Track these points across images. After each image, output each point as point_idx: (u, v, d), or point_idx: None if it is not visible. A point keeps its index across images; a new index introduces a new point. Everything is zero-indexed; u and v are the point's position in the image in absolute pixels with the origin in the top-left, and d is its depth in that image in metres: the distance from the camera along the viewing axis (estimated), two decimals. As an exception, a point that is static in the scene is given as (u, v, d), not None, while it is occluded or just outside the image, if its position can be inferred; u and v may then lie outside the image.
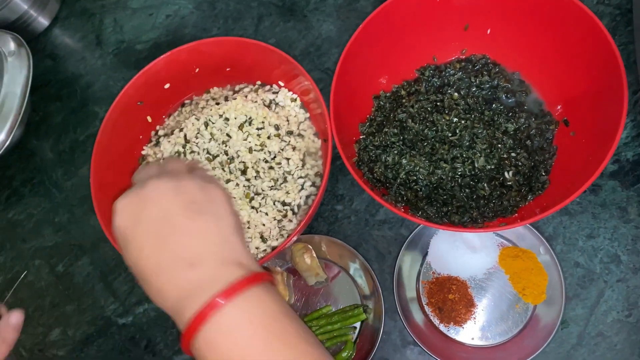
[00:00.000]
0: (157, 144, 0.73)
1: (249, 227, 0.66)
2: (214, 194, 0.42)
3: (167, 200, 0.40)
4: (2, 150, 0.76)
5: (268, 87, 0.74)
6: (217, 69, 0.73)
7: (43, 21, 0.95)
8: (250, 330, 0.36)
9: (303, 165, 0.68)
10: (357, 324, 0.67)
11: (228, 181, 0.67)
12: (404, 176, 0.63)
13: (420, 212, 0.62)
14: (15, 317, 0.65)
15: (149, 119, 0.74)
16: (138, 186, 0.42)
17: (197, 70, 0.73)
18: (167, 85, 0.73)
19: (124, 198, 0.41)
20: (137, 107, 0.72)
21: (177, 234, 0.39)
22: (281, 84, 0.73)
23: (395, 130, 0.66)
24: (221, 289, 0.36)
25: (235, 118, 0.70)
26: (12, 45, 0.82)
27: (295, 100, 0.71)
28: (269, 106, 0.71)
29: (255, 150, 0.68)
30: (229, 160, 0.68)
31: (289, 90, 0.72)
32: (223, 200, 0.42)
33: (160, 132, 0.74)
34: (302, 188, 0.67)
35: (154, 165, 0.47)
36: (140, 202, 0.40)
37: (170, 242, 0.39)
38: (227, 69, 0.74)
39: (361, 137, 0.69)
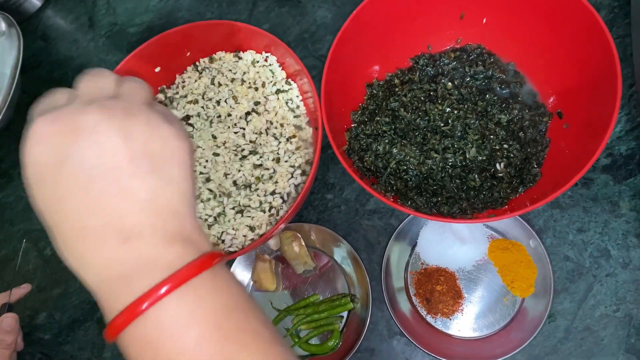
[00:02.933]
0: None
1: (241, 216, 0.65)
2: (174, 146, 0.33)
3: (111, 144, 0.30)
4: (-10, 131, 0.76)
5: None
6: (209, 53, 0.72)
7: (35, 2, 0.93)
8: (199, 329, 0.30)
9: (293, 153, 0.67)
10: (344, 314, 0.67)
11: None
12: (394, 166, 0.63)
13: (409, 202, 0.61)
14: (7, 322, 0.65)
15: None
16: (74, 105, 0.31)
17: (189, 54, 0.72)
18: (157, 69, 0.72)
19: (51, 121, 0.30)
20: (127, 90, 0.71)
21: (113, 193, 0.30)
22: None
23: (387, 119, 0.65)
24: (165, 275, 0.29)
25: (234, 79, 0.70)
26: (2, 25, 0.81)
27: (290, 84, 0.71)
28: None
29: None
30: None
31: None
32: (183, 157, 0.33)
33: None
34: (292, 176, 0.67)
35: (103, 74, 0.35)
36: (72, 133, 0.30)
37: (103, 203, 0.30)
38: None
39: (352, 125, 0.68)
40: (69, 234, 0.30)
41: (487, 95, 0.65)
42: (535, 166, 0.62)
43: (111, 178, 0.30)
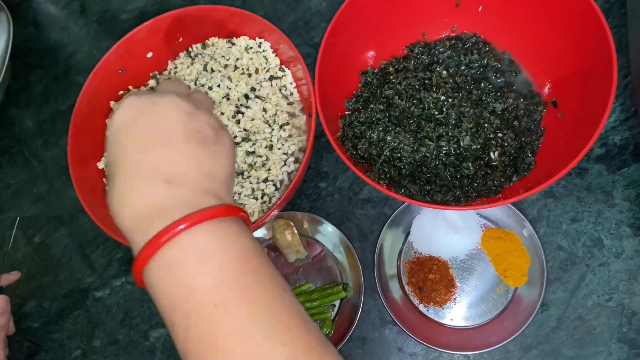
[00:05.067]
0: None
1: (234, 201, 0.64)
2: (224, 138, 0.41)
3: (176, 118, 0.38)
4: (-22, 117, 0.74)
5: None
6: (202, 38, 0.72)
7: (26, -13, 0.92)
8: (221, 258, 0.32)
9: (286, 140, 0.66)
10: (337, 302, 0.67)
11: None
12: (388, 153, 0.62)
13: (402, 190, 0.61)
14: None
15: (131, 88, 0.72)
16: (156, 93, 0.40)
17: (181, 39, 0.71)
18: (149, 54, 0.71)
19: (137, 96, 0.39)
20: (118, 76, 0.70)
21: (167, 148, 0.36)
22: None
23: (381, 107, 0.65)
24: (195, 210, 0.33)
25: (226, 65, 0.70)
26: (-8, 10, 0.80)
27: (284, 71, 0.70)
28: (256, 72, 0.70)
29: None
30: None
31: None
32: (228, 147, 0.41)
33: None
34: (285, 164, 0.66)
35: (182, 84, 0.46)
36: (150, 106, 0.38)
37: (157, 153, 0.36)
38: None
39: (346, 112, 0.68)
40: (122, 176, 0.36)
41: (482, 84, 0.65)
42: (530, 155, 0.62)
43: (168, 138, 0.37)
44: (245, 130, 0.67)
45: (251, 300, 0.32)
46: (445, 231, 0.65)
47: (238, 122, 0.67)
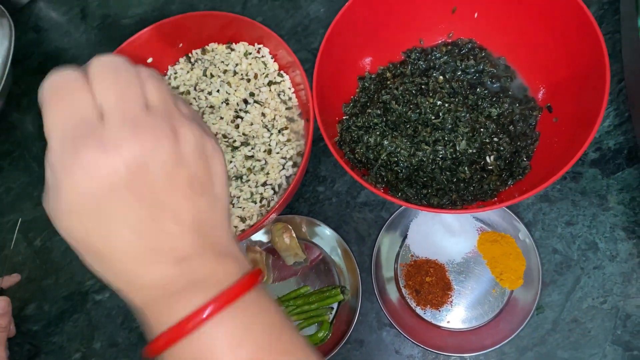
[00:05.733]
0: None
1: (232, 206, 0.65)
2: (215, 163, 0.33)
3: (163, 172, 0.29)
4: (-20, 121, 0.75)
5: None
6: (201, 44, 0.72)
7: (27, -7, 0.93)
8: (250, 348, 0.30)
9: (285, 145, 0.67)
10: (334, 305, 0.67)
11: None
12: (385, 157, 0.63)
13: (399, 194, 0.62)
14: (0, 305, 0.66)
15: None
16: (113, 129, 0.28)
17: (181, 45, 0.72)
18: (150, 60, 0.72)
19: (96, 150, 0.28)
20: (119, 81, 0.71)
21: (165, 217, 0.30)
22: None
23: (379, 112, 0.65)
24: (214, 293, 0.29)
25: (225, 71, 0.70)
26: (-6, 16, 0.80)
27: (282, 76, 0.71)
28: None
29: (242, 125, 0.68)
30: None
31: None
32: (222, 173, 0.34)
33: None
34: (283, 168, 0.67)
35: (127, 78, 0.31)
36: (120, 162, 0.28)
37: (155, 227, 0.29)
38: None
39: (344, 117, 0.68)
40: (117, 260, 0.30)
41: (478, 89, 0.65)
42: (525, 159, 0.63)
43: (164, 205, 0.30)
44: (244, 134, 0.68)
45: None
46: (441, 234, 0.65)
47: (237, 126, 0.68)
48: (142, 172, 0.29)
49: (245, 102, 0.69)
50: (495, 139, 0.62)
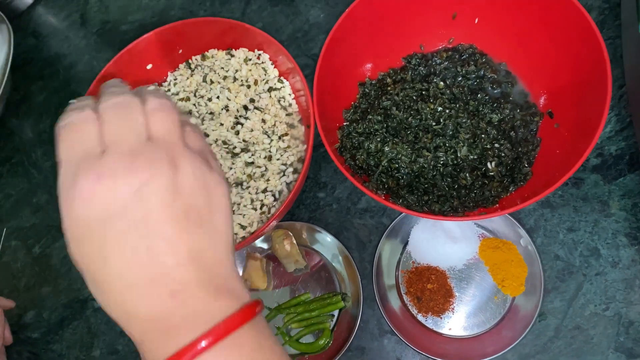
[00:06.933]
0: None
1: (232, 213, 0.65)
2: (216, 195, 0.33)
3: (159, 202, 0.30)
4: (-21, 128, 0.75)
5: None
6: (201, 50, 0.72)
7: (27, -1, 0.93)
8: None
9: (285, 151, 0.67)
10: (335, 312, 0.67)
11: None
12: (386, 164, 0.63)
13: (400, 200, 0.61)
14: None
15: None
16: (114, 159, 0.30)
17: (181, 51, 0.72)
18: (149, 66, 0.72)
19: (95, 179, 0.29)
20: (119, 87, 0.70)
21: (162, 250, 0.30)
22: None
23: (379, 118, 0.65)
24: (211, 326, 0.29)
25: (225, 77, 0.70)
26: (-7, 22, 0.80)
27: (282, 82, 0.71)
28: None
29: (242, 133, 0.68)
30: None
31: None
32: (225, 204, 0.33)
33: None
34: (284, 174, 0.66)
35: (131, 107, 0.32)
36: (118, 191, 0.29)
37: (151, 259, 0.30)
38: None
39: (345, 123, 0.68)
40: (114, 289, 0.30)
41: (479, 95, 0.65)
42: (526, 165, 0.62)
43: (159, 235, 0.30)
44: (244, 141, 0.67)
45: None
46: (443, 241, 0.65)
47: (237, 133, 0.68)
48: (137, 202, 0.29)
49: (246, 108, 0.69)
50: (497, 145, 0.62)
